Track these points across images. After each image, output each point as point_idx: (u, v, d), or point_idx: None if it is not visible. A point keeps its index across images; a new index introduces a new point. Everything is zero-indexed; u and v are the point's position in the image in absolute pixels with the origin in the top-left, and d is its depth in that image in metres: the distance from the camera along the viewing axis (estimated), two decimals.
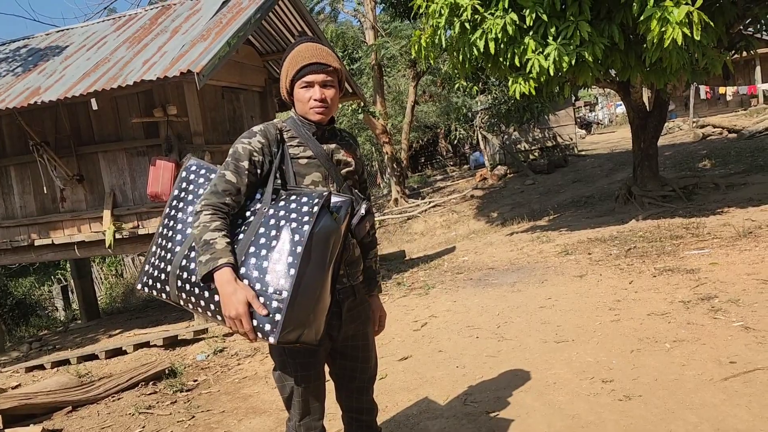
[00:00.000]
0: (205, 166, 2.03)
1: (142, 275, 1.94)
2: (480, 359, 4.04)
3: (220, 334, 6.24)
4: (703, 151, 14.21)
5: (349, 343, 2.11)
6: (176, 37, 7.14)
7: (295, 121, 2.01)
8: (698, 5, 6.11)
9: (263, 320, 1.67)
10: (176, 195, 1.99)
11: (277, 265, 1.70)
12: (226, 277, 1.70)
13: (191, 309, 1.87)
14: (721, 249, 5.59)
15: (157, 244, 1.93)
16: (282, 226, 1.75)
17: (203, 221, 1.78)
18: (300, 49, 1.96)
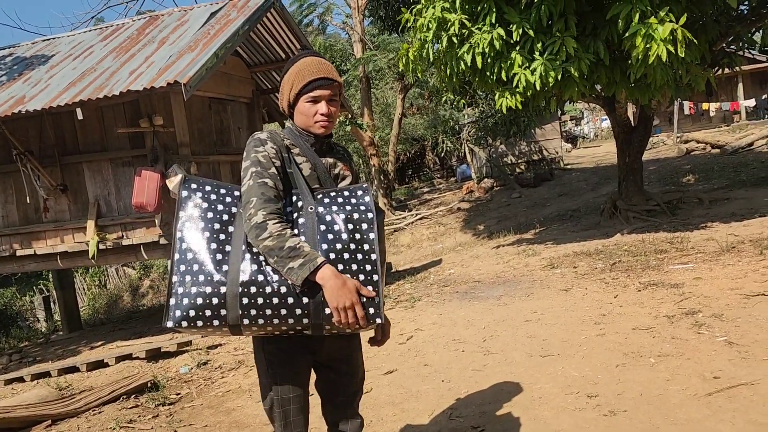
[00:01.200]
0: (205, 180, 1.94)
1: (174, 309, 1.73)
2: (466, 373, 4.03)
3: (204, 346, 6.18)
4: (687, 166, 14.37)
5: (334, 356, 2.09)
6: (163, 47, 7.12)
7: (293, 132, 2.02)
8: (682, 23, 6.20)
9: (366, 305, 1.75)
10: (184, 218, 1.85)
11: (358, 254, 1.79)
12: (330, 272, 1.72)
13: (251, 329, 1.77)
14: (705, 263, 5.64)
15: (179, 272, 1.76)
16: (344, 221, 1.82)
17: (275, 231, 1.75)
18: (306, 62, 1.97)
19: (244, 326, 1.75)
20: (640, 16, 6.24)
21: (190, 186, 1.88)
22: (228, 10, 7.57)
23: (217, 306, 1.73)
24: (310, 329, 1.80)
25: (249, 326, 1.76)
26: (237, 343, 6.33)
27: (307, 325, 1.77)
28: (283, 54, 8.81)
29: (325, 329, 1.80)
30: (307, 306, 1.74)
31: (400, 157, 23.80)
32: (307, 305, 1.74)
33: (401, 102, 18.33)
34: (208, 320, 1.73)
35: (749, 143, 15.30)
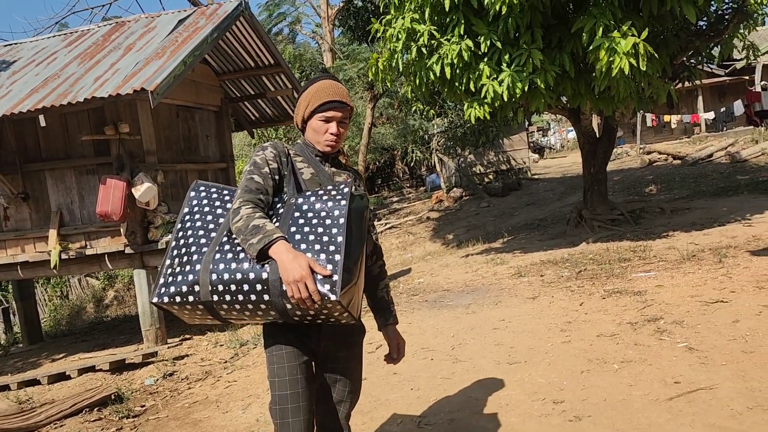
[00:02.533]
0: (213, 185, 2.14)
1: (159, 287, 1.91)
2: (434, 381, 4.05)
3: (170, 357, 6.09)
4: (649, 176, 14.72)
5: (329, 364, 2.15)
6: (130, 54, 7.04)
7: (301, 146, 2.20)
8: (644, 37, 6.37)
9: (321, 282, 1.77)
10: (187, 211, 2.05)
11: (324, 237, 1.85)
12: (284, 247, 1.79)
13: (223, 308, 1.85)
14: (667, 271, 5.77)
15: (171, 256, 1.95)
16: (319, 209, 1.92)
17: (246, 213, 1.88)
18: (326, 84, 2.15)
19: (215, 303, 1.84)
20: (603, 30, 6.39)
21: (199, 188, 2.10)
22: (196, 18, 7.52)
23: (191, 283, 1.85)
24: (276, 312, 1.84)
25: (220, 304, 1.84)
26: (204, 353, 6.25)
27: (269, 303, 1.81)
28: (252, 62, 8.78)
29: (289, 311, 1.83)
30: (266, 282, 1.80)
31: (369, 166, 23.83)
32: (266, 281, 1.80)
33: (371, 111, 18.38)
34: (185, 296, 1.86)
35: (709, 155, 15.75)
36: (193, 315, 1.92)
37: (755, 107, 15.52)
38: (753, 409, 2.91)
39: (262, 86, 9.46)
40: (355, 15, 14.73)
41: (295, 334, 2.03)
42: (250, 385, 4.81)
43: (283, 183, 2.06)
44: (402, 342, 2.39)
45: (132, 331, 8.64)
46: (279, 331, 2.03)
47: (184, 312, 1.91)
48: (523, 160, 19.40)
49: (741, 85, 22.65)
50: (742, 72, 22.09)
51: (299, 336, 2.04)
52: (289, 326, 2.01)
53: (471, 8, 6.96)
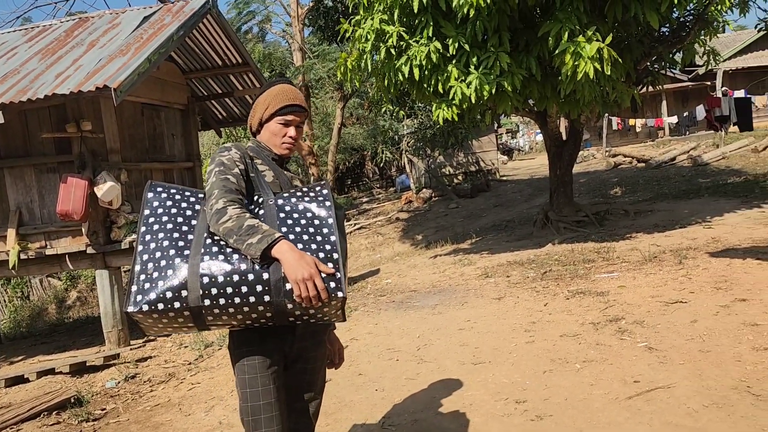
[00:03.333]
0: (170, 185, 2.04)
1: (134, 295, 1.77)
2: (399, 382, 4.05)
3: (133, 359, 5.98)
4: (614, 179, 14.99)
5: (300, 364, 2.11)
6: (93, 50, 6.89)
7: (255, 148, 2.16)
8: (608, 42, 6.49)
9: (327, 279, 1.77)
10: (149, 213, 1.93)
11: (317, 236, 1.86)
12: (288, 246, 1.78)
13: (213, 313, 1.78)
14: (629, 272, 5.88)
15: (142, 261, 1.82)
16: (303, 209, 1.91)
17: (235, 213, 1.83)
18: (285, 88, 2.15)
19: (205, 309, 1.76)
20: (569, 35, 6.50)
21: (156, 188, 1.99)
22: (162, 15, 7.40)
23: (177, 287, 1.75)
24: (273, 313, 1.79)
25: (211, 309, 1.76)
26: (168, 355, 6.15)
27: (269, 304, 1.76)
28: (220, 61, 8.69)
29: (288, 311, 1.79)
30: (267, 282, 1.76)
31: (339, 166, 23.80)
32: (267, 281, 1.76)
33: (341, 112, 18.35)
34: (169, 302, 1.75)
35: (672, 158, 16.11)
36: (171, 324, 1.81)
37: (715, 112, 15.93)
38: (708, 407, 2.98)
39: (230, 85, 9.36)
40: (324, 15, 14.70)
41: (269, 340, 1.97)
42: (214, 387, 4.75)
43: (252, 185, 2.03)
44: (341, 348, 2.40)
45: (94, 332, 8.46)
46: (251, 339, 1.96)
47: (161, 321, 1.79)
48: (491, 161, 19.58)
49: (703, 90, 23.25)
50: (705, 78, 22.68)
51: (273, 341, 1.99)
52: (263, 332, 1.95)
53: (440, 10, 7.01)
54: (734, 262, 5.57)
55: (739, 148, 15.32)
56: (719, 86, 21.27)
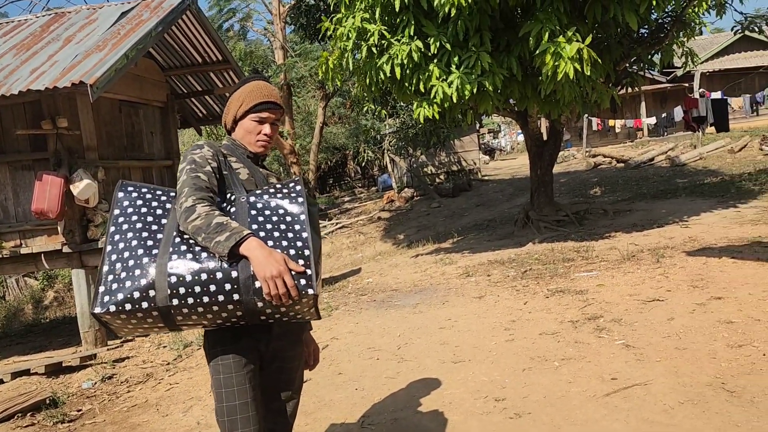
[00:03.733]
0: (142, 184, 2.01)
1: (101, 296, 1.74)
2: (379, 381, 4.04)
3: (110, 360, 5.90)
4: (594, 179, 15.13)
5: (275, 365, 2.09)
6: (69, 46, 6.79)
7: (230, 146, 2.13)
8: (588, 43, 6.54)
9: (297, 277, 1.74)
10: (119, 213, 1.91)
11: (288, 233, 1.83)
12: (256, 243, 1.74)
13: (182, 312, 1.74)
14: (608, 271, 5.93)
15: (110, 261, 1.80)
16: (275, 206, 1.89)
17: (204, 211, 1.80)
18: (259, 85, 2.12)
19: (174, 308, 1.73)
20: (549, 35, 6.54)
21: (127, 188, 1.96)
22: (140, 10, 7.31)
23: (145, 287, 1.72)
24: (244, 312, 1.76)
25: (180, 308, 1.73)
26: (146, 355, 6.08)
27: (239, 303, 1.74)
28: (200, 58, 8.61)
29: (258, 310, 1.76)
30: (236, 280, 1.73)
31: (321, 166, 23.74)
32: (236, 279, 1.73)
33: (322, 111, 18.31)
34: (137, 302, 1.72)
35: (650, 158, 16.31)
36: (140, 324, 1.79)
37: (693, 113, 16.15)
38: (684, 404, 3.01)
39: (210, 83, 9.28)
40: (306, 13, 14.64)
41: (244, 340, 1.95)
42: (192, 387, 4.70)
43: (224, 183, 2.00)
44: (317, 348, 2.38)
45: (71, 333, 8.34)
46: (225, 338, 1.94)
47: (130, 322, 1.76)
48: (473, 161, 19.65)
49: (681, 91, 23.56)
50: (683, 79, 23.00)
51: (248, 341, 1.96)
52: (237, 332, 1.93)
53: (421, 10, 7.01)
54: (710, 260, 5.64)
55: (716, 148, 15.54)
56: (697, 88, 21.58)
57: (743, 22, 9.29)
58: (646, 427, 2.85)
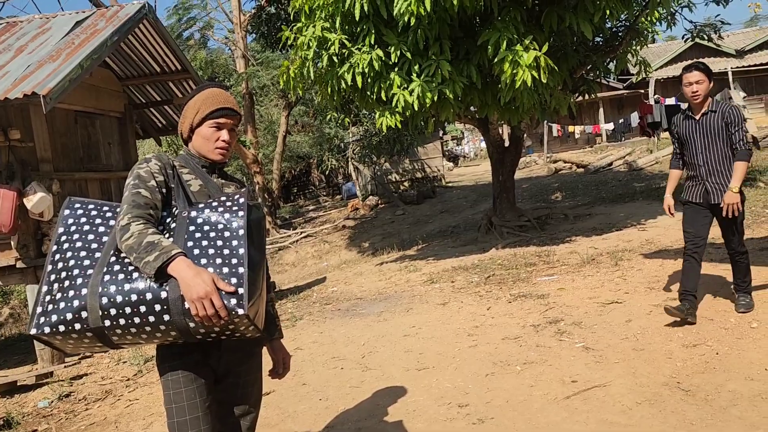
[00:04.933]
0: (90, 201, 1.97)
1: (38, 317, 1.72)
2: (344, 390, 4.02)
3: (67, 377, 5.74)
4: (555, 184, 15.39)
5: (230, 380, 2.05)
6: (21, 56, 6.62)
7: (185, 157, 2.11)
8: (545, 51, 6.67)
9: (227, 297, 1.70)
10: (63, 231, 1.86)
11: (224, 250, 1.78)
12: (185, 263, 1.70)
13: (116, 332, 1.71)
14: (568, 275, 6.03)
15: (48, 282, 1.77)
16: (215, 221, 1.84)
17: (137, 230, 1.76)
18: (215, 92, 2.09)
19: (107, 329, 1.70)
20: (507, 44, 6.64)
21: (74, 205, 1.92)
22: (96, 20, 7.17)
23: (77, 309, 1.69)
24: (177, 331, 1.73)
25: (113, 329, 1.70)
26: (105, 371, 5.93)
27: (170, 323, 1.71)
28: (158, 67, 8.48)
29: (191, 330, 1.73)
30: (165, 301, 1.70)
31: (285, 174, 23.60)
32: (165, 300, 1.70)
33: (285, 119, 18.23)
34: (70, 324, 1.69)
35: (609, 163, 16.68)
36: (79, 345, 1.76)
37: (648, 119, 16.57)
38: (641, 404, 3.07)
39: (169, 92, 9.15)
40: (267, 22, 14.58)
41: (193, 355, 1.92)
42: (152, 402, 4.60)
43: (171, 196, 1.96)
44: (287, 356, 2.33)
45: (27, 350, 8.08)
46: (174, 354, 1.91)
47: (67, 342, 1.74)
48: (437, 168, 19.80)
49: (638, 97, 24.14)
50: (639, 86, 23.59)
51: (197, 356, 1.93)
52: (186, 347, 1.90)
53: (381, 19, 7.05)
54: (666, 262, 5.79)
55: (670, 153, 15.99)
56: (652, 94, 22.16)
57: (693, 30, 9.60)
58: (605, 428, 2.90)
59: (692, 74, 3.99)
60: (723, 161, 4.03)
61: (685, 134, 4.17)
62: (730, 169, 4.00)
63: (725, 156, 4.02)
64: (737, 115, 3.95)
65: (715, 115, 4.03)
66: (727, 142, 4.00)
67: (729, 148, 4.01)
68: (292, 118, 19.65)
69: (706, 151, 4.07)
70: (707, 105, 4.06)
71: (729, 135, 3.98)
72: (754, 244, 5.99)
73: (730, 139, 3.98)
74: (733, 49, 23.20)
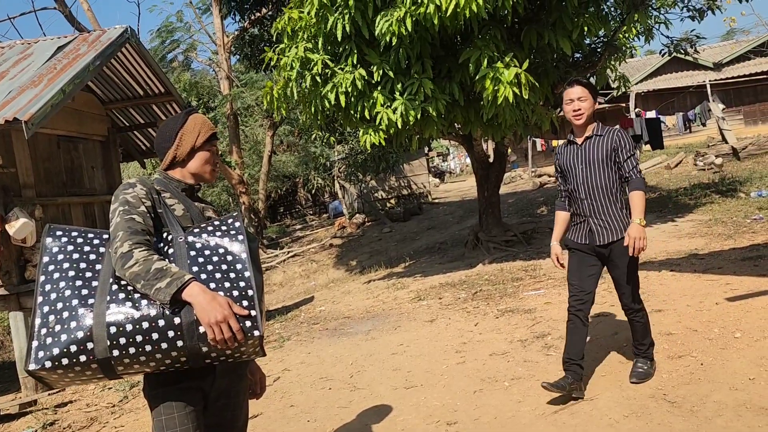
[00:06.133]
0: (71, 228, 1.92)
1: (35, 351, 1.66)
2: (332, 411, 4.00)
3: (51, 405, 5.65)
4: (540, 198, 15.50)
5: (222, 401, 2.03)
6: (2, 82, 6.59)
7: (162, 180, 2.10)
8: (525, 67, 6.76)
9: (241, 319, 1.73)
10: (48, 260, 1.81)
11: (231, 273, 1.80)
12: (199, 288, 1.72)
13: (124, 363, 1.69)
14: (554, 289, 6.06)
15: (42, 314, 1.71)
16: (215, 245, 1.86)
17: (142, 257, 1.76)
18: (204, 117, 2.18)
19: (115, 359, 1.68)
20: (488, 61, 6.72)
21: (55, 233, 1.87)
22: (78, 44, 7.17)
23: (82, 340, 1.66)
24: (188, 357, 1.73)
25: (121, 359, 1.68)
26: (90, 398, 5.85)
27: (183, 349, 1.70)
28: (141, 91, 8.48)
29: (203, 354, 1.73)
30: (179, 327, 1.69)
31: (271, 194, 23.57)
32: (179, 326, 1.69)
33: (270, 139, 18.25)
34: (74, 356, 1.66)
35: None
36: (78, 377, 1.72)
37: (629, 132, 16.79)
38: (628, 417, 3.08)
39: (153, 115, 9.14)
40: (250, 43, 14.67)
41: (185, 380, 1.90)
42: (138, 429, 4.53)
43: (161, 222, 1.96)
44: (263, 376, 2.34)
45: (10, 378, 7.95)
46: (167, 380, 1.89)
47: (66, 376, 1.70)
48: (423, 184, 19.86)
49: (619, 111, 24.46)
50: (620, 99, 23.92)
51: (191, 381, 1.91)
52: (179, 373, 1.88)
53: (363, 39, 7.12)
54: (650, 274, 5.83)
55: (653, 165, 16.19)
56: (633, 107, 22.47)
57: (670, 45, 9.78)
58: None
59: (573, 90, 3.36)
60: (609, 195, 3.36)
61: (567, 163, 3.48)
62: (617, 204, 3.36)
63: (612, 188, 3.36)
64: (627, 140, 3.34)
65: (601, 139, 3.37)
66: (614, 172, 3.35)
67: (617, 179, 3.35)
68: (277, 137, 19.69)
69: (589, 182, 3.38)
70: (592, 128, 3.42)
71: (617, 163, 3.33)
72: (737, 254, 6.06)
73: (619, 169, 3.34)
74: (710, 62, 23.60)
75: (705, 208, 9.53)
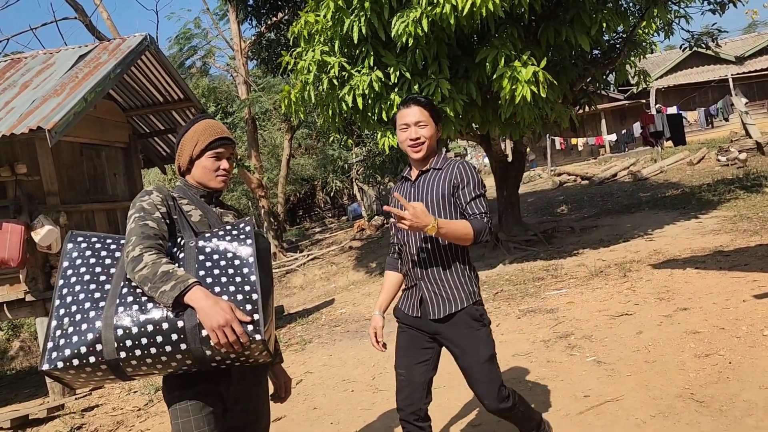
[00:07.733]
0: (92, 234, 1.99)
1: (49, 352, 1.72)
2: (354, 413, 4.00)
3: (79, 409, 5.73)
4: (560, 197, 15.37)
5: (241, 405, 2.05)
6: (26, 92, 6.71)
7: (182, 188, 2.14)
8: (543, 66, 6.71)
9: (244, 323, 1.74)
10: (68, 265, 1.88)
11: (237, 278, 1.81)
12: (202, 292, 1.73)
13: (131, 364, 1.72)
14: (577, 288, 6.00)
15: (58, 316, 1.77)
16: (224, 249, 1.87)
17: (151, 260, 1.78)
18: (210, 123, 2.15)
19: (123, 361, 1.71)
20: (505, 60, 6.68)
21: (76, 239, 1.93)
22: (98, 53, 7.28)
23: (92, 341, 1.70)
24: (193, 360, 1.74)
25: (128, 360, 1.71)
26: (116, 402, 5.92)
27: (187, 352, 1.72)
28: (161, 97, 8.58)
29: (208, 358, 1.74)
30: (182, 330, 1.71)
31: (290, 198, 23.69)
32: (182, 329, 1.71)
33: (288, 143, 18.34)
34: (84, 357, 1.70)
35: (613, 174, 16.65)
36: (91, 378, 1.76)
37: (650, 129, 16.58)
38: (655, 417, 3.04)
39: (173, 121, 9.24)
40: (267, 48, 14.74)
41: (201, 384, 1.92)
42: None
43: (175, 228, 1.99)
44: (288, 380, 2.35)
45: (38, 383, 8.08)
46: (183, 383, 1.91)
47: (80, 376, 1.75)
48: None
49: (639, 107, 24.21)
50: (640, 96, 23.66)
51: (206, 385, 1.93)
52: (195, 376, 1.90)
53: (379, 40, 7.12)
54: (675, 272, 5.75)
55: (675, 161, 15.96)
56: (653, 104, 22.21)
57: (690, 39, 9.64)
58: None
59: (410, 111, 2.42)
60: (447, 252, 2.41)
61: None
62: (458, 263, 2.42)
63: (451, 243, 2.37)
64: (473, 174, 2.40)
65: (439, 174, 2.44)
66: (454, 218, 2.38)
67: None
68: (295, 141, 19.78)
69: (420, 233, 2.40)
70: (431, 161, 2.48)
71: (459, 206, 2.38)
72: (763, 250, 5.95)
73: (462, 214, 2.38)
74: (732, 56, 23.24)
75: (729, 204, 9.38)
